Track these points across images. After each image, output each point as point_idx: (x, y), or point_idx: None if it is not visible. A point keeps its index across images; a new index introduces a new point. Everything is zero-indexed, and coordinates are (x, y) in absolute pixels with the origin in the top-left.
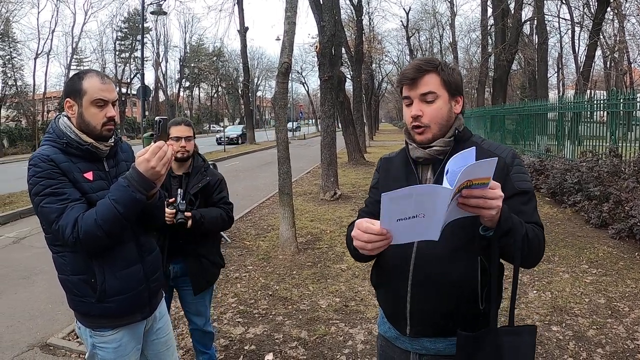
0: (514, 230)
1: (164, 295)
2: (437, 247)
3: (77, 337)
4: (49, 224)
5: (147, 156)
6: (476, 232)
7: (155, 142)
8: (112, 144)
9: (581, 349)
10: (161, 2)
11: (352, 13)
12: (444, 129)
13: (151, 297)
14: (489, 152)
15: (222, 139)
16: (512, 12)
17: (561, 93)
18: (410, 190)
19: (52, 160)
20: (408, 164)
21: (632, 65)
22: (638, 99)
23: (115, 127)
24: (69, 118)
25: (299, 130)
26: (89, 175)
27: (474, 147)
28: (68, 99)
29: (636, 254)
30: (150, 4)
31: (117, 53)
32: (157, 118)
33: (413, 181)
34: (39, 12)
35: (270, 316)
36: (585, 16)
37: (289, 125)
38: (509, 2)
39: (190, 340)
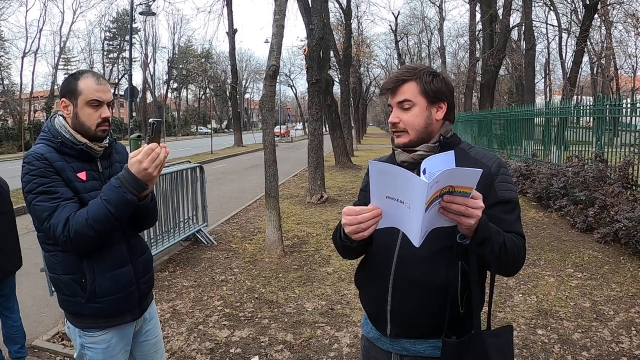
0: (490, 240)
1: (153, 297)
2: (419, 250)
3: (62, 340)
4: (40, 222)
5: (140, 157)
6: (454, 239)
7: (148, 143)
8: (107, 144)
9: (566, 352)
10: (150, 3)
11: (341, 16)
12: (422, 134)
13: (141, 298)
14: (475, 160)
15: None
16: (500, 17)
17: (548, 98)
18: (395, 168)
19: (46, 158)
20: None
21: (619, 72)
22: (624, 105)
23: (109, 128)
24: (64, 118)
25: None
26: (82, 175)
27: (453, 151)
28: (63, 99)
29: (621, 258)
30: (139, 4)
31: (105, 53)
32: (150, 120)
33: None
34: (27, 11)
35: (256, 319)
36: (572, 23)
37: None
38: (497, 7)
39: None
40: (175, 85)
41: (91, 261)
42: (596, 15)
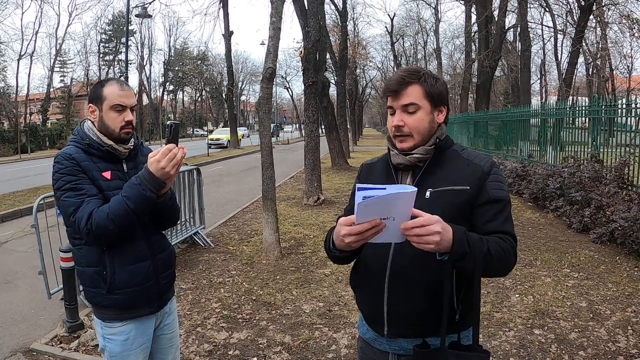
0: (471, 253)
1: (174, 293)
2: (413, 250)
3: (60, 343)
4: (67, 216)
5: (158, 157)
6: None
7: (166, 144)
8: (132, 146)
9: (563, 352)
10: (146, 5)
11: (337, 19)
12: (426, 138)
13: (160, 293)
14: (468, 161)
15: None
16: (496, 19)
17: (544, 99)
18: (381, 198)
19: (74, 158)
20: (389, 169)
21: (614, 72)
22: (619, 106)
23: (133, 131)
24: (92, 122)
25: (282, 130)
26: (107, 175)
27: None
28: (91, 105)
29: (617, 257)
30: (135, 6)
31: (101, 55)
32: (169, 122)
33: None
34: (22, 13)
35: (254, 321)
36: (568, 24)
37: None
38: (492, 9)
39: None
40: (172, 87)
41: (112, 255)
42: (591, 17)
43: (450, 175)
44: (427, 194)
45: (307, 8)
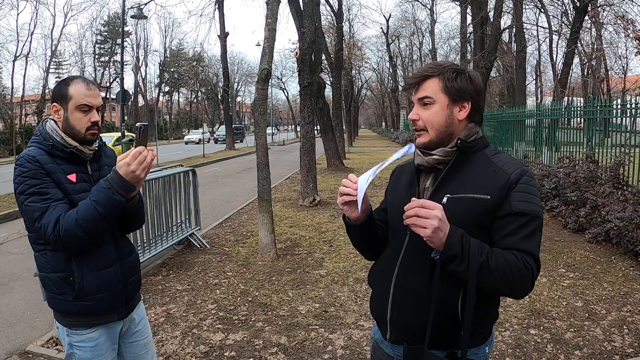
0: (463, 258)
1: (141, 298)
2: (420, 260)
3: (56, 345)
4: (32, 222)
5: (128, 160)
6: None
7: (135, 147)
8: (96, 148)
9: (559, 352)
10: (142, 6)
11: (332, 20)
12: (443, 134)
13: (128, 298)
14: (496, 167)
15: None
16: (491, 20)
17: (539, 100)
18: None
19: (38, 161)
20: (413, 171)
21: (609, 73)
22: (614, 106)
23: (99, 132)
24: (55, 122)
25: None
26: (73, 177)
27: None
28: (55, 104)
29: (612, 257)
30: (131, 7)
31: (96, 57)
32: (138, 124)
33: (414, 189)
34: (18, 14)
35: (250, 322)
36: (563, 25)
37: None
38: (488, 10)
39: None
40: (167, 88)
41: (79, 260)
42: (586, 17)
43: (473, 181)
44: (445, 199)
45: (302, 9)
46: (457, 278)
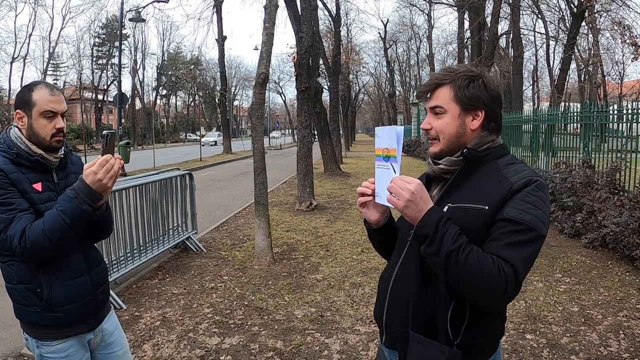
0: (434, 239)
1: (111, 308)
2: (414, 268)
3: None
4: None
5: (95, 168)
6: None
7: (102, 155)
8: (62, 155)
9: (555, 357)
10: (140, 10)
11: (330, 24)
12: (453, 144)
13: (97, 309)
14: (501, 177)
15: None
16: (489, 25)
17: (536, 105)
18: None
19: (2, 170)
20: (425, 180)
21: (606, 79)
22: (611, 112)
23: (64, 139)
24: (19, 129)
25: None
26: (38, 187)
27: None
28: (18, 111)
29: (609, 262)
30: (129, 10)
31: (94, 59)
32: (104, 132)
33: None
34: (16, 16)
35: (246, 326)
36: (560, 30)
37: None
38: (485, 16)
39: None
40: (165, 91)
41: (47, 271)
42: (583, 23)
43: (477, 191)
44: (445, 209)
45: (300, 14)
46: (450, 290)
